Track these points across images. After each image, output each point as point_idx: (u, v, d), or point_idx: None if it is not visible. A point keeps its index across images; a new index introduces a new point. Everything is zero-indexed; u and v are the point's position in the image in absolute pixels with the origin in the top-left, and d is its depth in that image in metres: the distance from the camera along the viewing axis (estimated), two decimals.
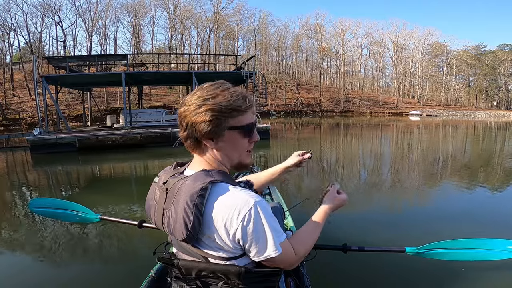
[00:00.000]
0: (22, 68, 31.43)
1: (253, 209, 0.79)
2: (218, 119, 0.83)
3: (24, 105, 27.12)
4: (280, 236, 0.85)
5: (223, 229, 0.80)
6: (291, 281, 1.31)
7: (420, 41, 55.24)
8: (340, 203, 1.11)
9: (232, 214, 0.79)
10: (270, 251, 0.82)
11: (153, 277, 1.32)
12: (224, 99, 0.83)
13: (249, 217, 0.79)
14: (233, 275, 0.84)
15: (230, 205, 0.80)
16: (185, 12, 43.31)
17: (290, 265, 0.91)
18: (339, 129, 20.64)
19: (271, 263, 0.86)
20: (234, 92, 0.85)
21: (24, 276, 2.35)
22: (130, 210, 3.92)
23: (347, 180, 5.81)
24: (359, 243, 1.46)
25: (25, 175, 7.17)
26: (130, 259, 2.58)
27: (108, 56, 22.07)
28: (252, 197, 0.81)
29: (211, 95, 0.83)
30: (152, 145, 10.63)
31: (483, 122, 28.87)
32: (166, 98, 35.22)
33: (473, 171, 6.46)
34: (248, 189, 0.87)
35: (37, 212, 2.04)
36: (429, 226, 3.22)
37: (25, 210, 4.19)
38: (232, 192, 0.82)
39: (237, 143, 0.88)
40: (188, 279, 0.90)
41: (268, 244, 0.82)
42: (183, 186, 0.82)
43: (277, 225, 0.85)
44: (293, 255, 0.90)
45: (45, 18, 34.24)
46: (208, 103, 0.82)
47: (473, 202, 4.27)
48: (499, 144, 11.92)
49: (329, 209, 1.07)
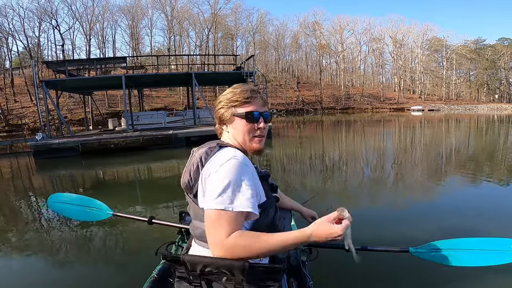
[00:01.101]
0: (22, 73, 31.50)
1: (229, 161, 0.92)
2: (224, 108, 1.09)
3: (26, 110, 27.20)
4: (232, 202, 0.87)
5: (206, 177, 0.95)
6: (293, 281, 1.32)
7: (419, 37, 55.08)
8: (327, 234, 0.86)
9: (217, 164, 0.94)
10: (209, 203, 0.90)
11: (155, 278, 1.31)
12: (230, 93, 1.09)
13: (219, 168, 0.92)
14: (237, 270, 0.86)
15: (218, 158, 0.96)
16: (182, 14, 43.26)
17: (213, 244, 0.88)
18: (341, 126, 20.59)
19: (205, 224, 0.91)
20: (239, 88, 1.09)
21: (27, 277, 2.39)
22: (134, 211, 3.92)
23: (350, 177, 5.79)
24: (361, 241, 1.37)
25: (29, 180, 7.20)
26: (132, 260, 2.59)
27: (107, 59, 22.07)
28: (239, 155, 0.96)
29: (227, 92, 1.10)
30: (154, 148, 10.67)
31: (485, 116, 28.73)
32: (167, 100, 35.24)
33: (478, 165, 6.42)
34: (245, 158, 0.98)
35: (55, 208, 2.02)
36: (435, 223, 3.20)
37: (31, 213, 4.21)
38: (229, 150, 0.99)
39: (241, 128, 1.07)
40: (193, 275, 0.93)
41: (213, 195, 0.89)
42: (202, 148, 1.06)
43: (241, 190, 0.89)
44: (222, 238, 0.86)
45: (42, 22, 34.27)
46: (221, 98, 1.10)
47: (479, 197, 4.25)
48: (503, 137, 11.86)
49: (304, 236, 0.87)
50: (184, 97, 30.99)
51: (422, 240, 1.44)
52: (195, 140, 11.29)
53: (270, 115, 1.13)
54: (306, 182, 5.58)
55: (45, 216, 4.10)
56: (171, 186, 5.29)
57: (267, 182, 1.13)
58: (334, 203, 4.19)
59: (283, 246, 0.88)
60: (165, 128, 13.74)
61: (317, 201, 3.59)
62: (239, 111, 1.06)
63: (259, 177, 1.05)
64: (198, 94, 14.77)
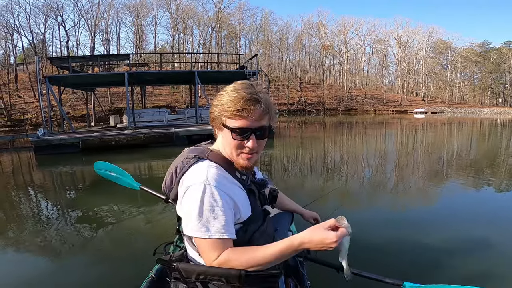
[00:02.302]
0: (26, 69, 31.62)
1: (200, 186, 0.87)
2: (214, 113, 0.96)
3: (28, 105, 27.31)
4: (208, 230, 0.86)
5: (181, 197, 0.93)
6: (291, 281, 1.30)
7: (424, 39, 54.82)
8: (319, 240, 0.81)
9: (187, 184, 0.91)
10: (188, 229, 0.89)
11: (152, 278, 1.30)
12: (225, 95, 0.92)
13: (192, 191, 0.89)
14: (233, 278, 0.85)
15: (190, 176, 0.92)
16: (187, 12, 43.34)
17: (207, 264, 0.90)
18: (342, 127, 20.52)
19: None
20: (237, 92, 0.90)
21: (23, 275, 2.36)
22: (132, 208, 3.90)
23: (351, 181, 5.74)
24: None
25: (30, 175, 7.22)
26: (130, 260, 2.56)
27: (111, 56, 22.18)
28: (211, 178, 0.89)
29: (224, 93, 0.93)
30: (155, 145, 10.64)
31: (488, 119, 28.57)
32: (169, 98, 35.28)
33: (478, 170, 6.36)
34: (218, 171, 0.93)
35: (100, 173, 2.34)
36: (435, 232, 3.16)
37: (28, 210, 4.19)
38: (203, 168, 0.93)
39: (228, 141, 0.94)
40: (188, 281, 0.92)
41: (189, 221, 0.88)
42: (182, 156, 1.02)
43: (215, 217, 0.87)
44: (212, 260, 0.87)
45: (48, 18, 34.45)
46: (217, 99, 0.95)
47: (478, 204, 4.20)
48: (505, 141, 11.76)
49: (300, 242, 0.83)
50: (186, 95, 30.98)
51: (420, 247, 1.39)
52: (197, 138, 11.26)
53: (270, 130, 1.00)
54: (306, 184, 5.54)
55: (44, 213, 4.10)
56: None
57: (257, 194, 1.07)
58: (335, 207, 4.16)
59: (275, 258, 0.85)
60: (167, 126, 13.73)
61: (318, 205, 3.54)
62: (227, 122, 0.92)
63: (247, 190, 1.00)
64: (200, 92, 14.74)
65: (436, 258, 2.46)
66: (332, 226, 0.83)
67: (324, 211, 3.87)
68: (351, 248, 0.87)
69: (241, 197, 0.97)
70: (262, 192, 1.13)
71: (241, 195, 0.97)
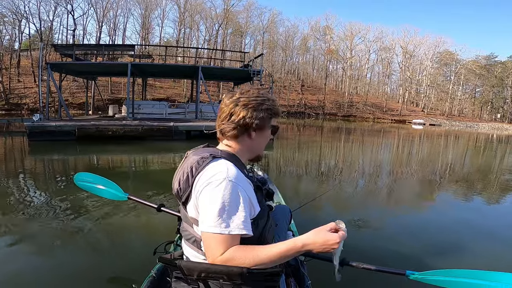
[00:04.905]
0: (30, 55, 31.42)
1: (223, 184, 0.88)
2: (270, 118, 1.05)
3: (28, 90, 27.14)
4: (228, 226, 0.86)
5: (197, 193, 0.93)
6: (292, 281, 1.32)
7: (430, 49, 54.90)
8: (323, 241, 0.87)
9: (208, 181, 0.91)
10: (205, 226, 0.88)
11: (153, 277, 1.31)
12: (274, 104, 1.06)
13: (213, 187, 0.89)
14: (235, 275, 0.86)
15: (210, 173, 0.92)
16: (195, 6, 43.31)
17: (211, 260, 0.89)
18: (340, 133, 20.55)
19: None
20: (271, 97, 1.07)
21: (23, 272, 2.25)
22: (127, 208, 3.84)
23: (345, 186, 5.75)
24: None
25: (22, 162, 7.05)
26: (130, 259, 2.50)
27: (116, 46, 22.03)
28: (232, 175, 0.91)
29: (267, 98, 1.04)
30: (153, 139, 10.50)
31: (485, 134, 28.69)
32: (170, 91, 35.19)
33: (470, 184, 6.38)
34: (240, 172, 0.95)
35: (81, 186, 2.18)
36: (433, 239, 3.17)
37: (22, 201, 4.15)
38: (222, 165, 0.94)
39: (265, 140, 1.09)
40: (190, 279, 0.94)
41: (208, 218, 0.87)
42: (194, 155, 1.01)
43: (236, 214, 0.88)
44: (217, 255, 0.87)
45: (58, 6, 34.24)
46: (267, 104, 1.03)
47: (469, 216, 4.21)
48: (499, 158, 11.81)
49: (303, 244, 0.88)
50: (187, 90, 30.93)
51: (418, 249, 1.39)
52: (196, 134, 11.19)
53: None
54: (302, 187, 5.54)
55: (32, 205, 4.05)
56: (167, 183, 5.12)
57: (261, 191, 1.12)
58: (329, 209, 4.16)
59: (278, 258, 0.88)
60: (166, 119, 13.65)
61: (313, 207, 3.54)
62: (272, 122, 1.08)
63: (255, 186, 1.04)
64: (202, 88, 14.70)
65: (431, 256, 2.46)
66: (333, 228, 0.90)
67: (319, 213, 3.90)
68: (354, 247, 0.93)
69: (253, 193, 1.01)
70: (265, 188, 1.21)
71: (253, 191, 1.01)
